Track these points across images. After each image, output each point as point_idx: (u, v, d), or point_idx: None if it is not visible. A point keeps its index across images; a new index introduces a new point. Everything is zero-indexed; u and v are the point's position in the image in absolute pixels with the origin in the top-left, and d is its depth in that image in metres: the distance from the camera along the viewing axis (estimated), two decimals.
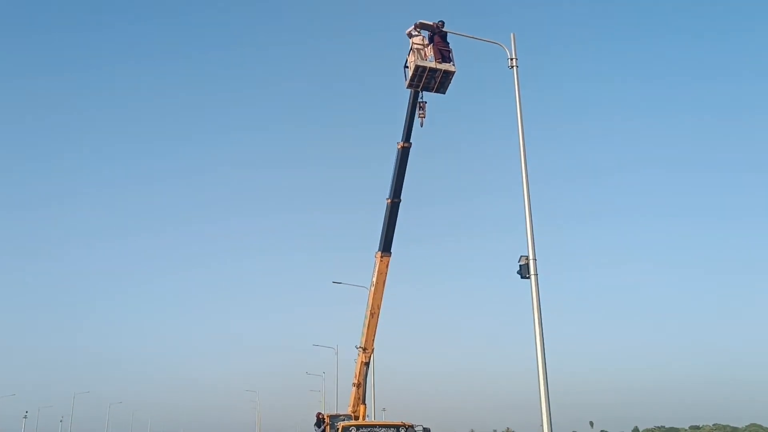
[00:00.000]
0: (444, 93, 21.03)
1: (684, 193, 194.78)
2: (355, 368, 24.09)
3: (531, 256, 15.56)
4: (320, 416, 24.63)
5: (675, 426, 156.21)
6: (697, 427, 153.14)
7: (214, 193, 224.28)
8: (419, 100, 21.36)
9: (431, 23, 20.05)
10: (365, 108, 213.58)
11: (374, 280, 23.02)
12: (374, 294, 22.97)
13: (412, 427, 17.58)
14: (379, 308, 23.14)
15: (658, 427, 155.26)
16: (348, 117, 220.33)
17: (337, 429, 17.87)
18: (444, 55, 20.22)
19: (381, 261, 22.86)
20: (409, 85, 20.83)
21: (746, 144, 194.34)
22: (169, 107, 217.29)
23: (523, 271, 15.52)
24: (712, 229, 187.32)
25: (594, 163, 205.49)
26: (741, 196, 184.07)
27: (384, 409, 56.09)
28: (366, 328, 23.27)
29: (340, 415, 24.89)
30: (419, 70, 20.15)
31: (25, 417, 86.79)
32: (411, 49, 20.37)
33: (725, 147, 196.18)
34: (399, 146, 22.24)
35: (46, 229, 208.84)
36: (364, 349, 23.42)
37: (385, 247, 22.91)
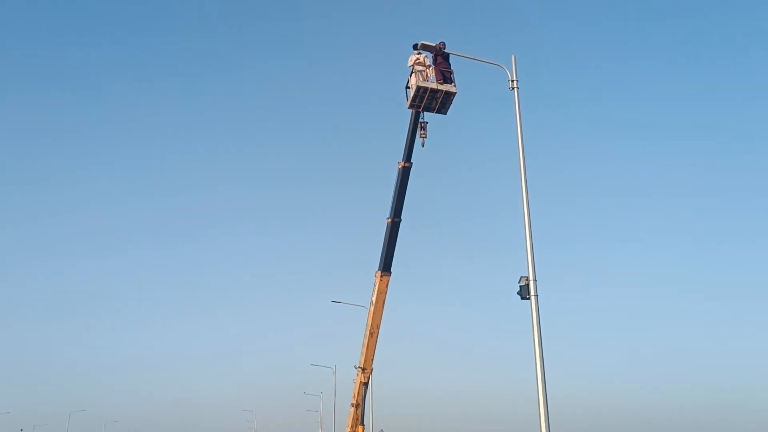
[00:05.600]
0: (445, 113, 21.18)
1: (687, 215, 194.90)
2: (353, 388, 23.95)
3: (531, 277, 15.52)
4: None
5: None
6: None
7: (212, 209, 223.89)
8: (420, 120, 21.50)
9: (433, 44, 20.23)
10: (366, 127, 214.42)
11: (374, 299, 22.97)
12: (374, 313, 22.91)
13: None
14: (378, 328, 23.07)
15: None
16: (349, 136, 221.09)
17: None
18: (445, 76, 20.40)
19: (381, 280, 22.84)
20: (411, 106, 20.97)
21: (751, 168, 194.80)
22: (170, 120, 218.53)
23: (524, 292, 15.47)
24: (714, 252, 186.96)
25: (595, 185, 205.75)
26: (748, 222, 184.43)
27: (382, 430, 55.62)
28: (365, 348, 23.17)
29: None
30: (421, 91, 20.32)
31: None
32: (413, 70, 20.55)
33: (728, 172, 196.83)
34: (400, 166, 22.34)
35: (39, 245, 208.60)
36: (363, 369, 23.30)
37: (385, 266, 22.89)
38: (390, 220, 22.58)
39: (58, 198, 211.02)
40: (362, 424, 23.65)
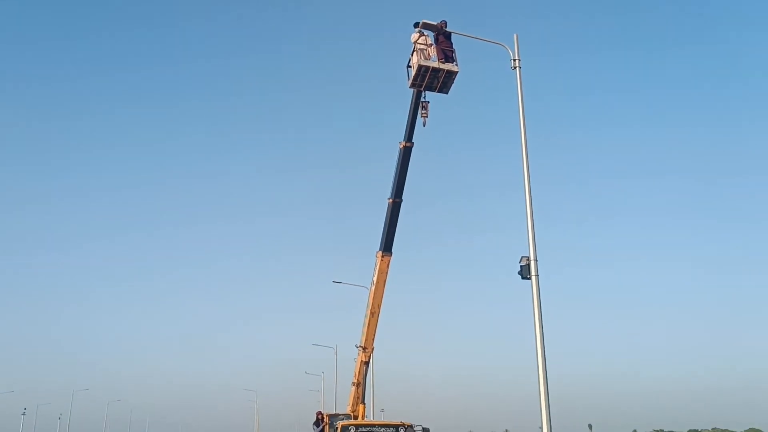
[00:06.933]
0: (447, 93, 21.04)
1: (690, 195, 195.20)
2: (354, 367, 24.09)
3: (532, 257, 15.54)
4: (320, 415, 24.58)
5: (674, 430, 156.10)
6: (696, 431, 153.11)
7: (215, 194, 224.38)
8: (422, 99, 21.37)
9: (434, 23, 20.05)
10: (367, 107, 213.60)
11: (375, 279, 23.01)
12: (375, 293, 22.96)
13: (411, 426, 17.56)
14: (379, 308, 23.14)
15: (657, 430, 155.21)
16: (350, 116, 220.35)
17: (337, 428, 17.84)
18: (447, 55, 20.24)
19: (382, 260, 22.86)
20: (412, 85, 20.83)
21: (750, 147, 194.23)
22: (169, 108, 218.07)
23: (524, 272, 15.51)
24: (715, 230, 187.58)
25: (597, 165, 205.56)
26: (744, 198, 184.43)
27: (383, 410, 56.18)
28: (366, 328, 23.27)
29: (340, 415, 24.87)
30: (422, 70, 20.16)
31: (23, 414, 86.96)
32: (414, 48, 20.38)
33: (729, 150, 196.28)
34: (401, 146, 22.25)
35: (46, 225, 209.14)
36: (364, 349, 23.41)
37: (386, 246, 22.89)
38: (391, 200, 22.54)
39: (64, 184, 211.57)
40: (363, 402, 23.81)
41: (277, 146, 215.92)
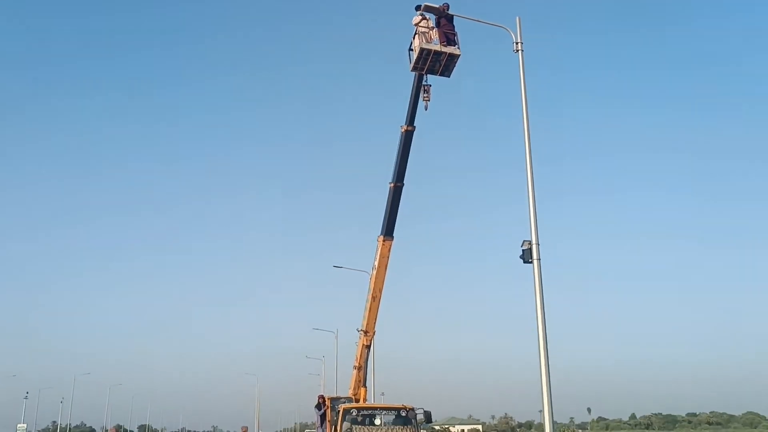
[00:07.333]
0: (449, 76, 20.91)
1: (690, 175, 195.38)
2: (356, 351, 24.15)
3: (534, 241, 15.51)
4: (321, 399, 24.69)
5: (672, 413, 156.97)
6: (695, 415, 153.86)
7: (214, 173, 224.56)
8: (423, 83, 21.24)
9: (436, 6, 19.87)
10: (369, 92, 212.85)
11: (376, 263, 23.00)
12: (376, 278, 22.94)
13: (413, 410, 17.59)
14: (380, 292, 23.13)
15: (656, 414, 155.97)
16: (351, 102, 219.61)
17: (338, 411, 17.88)
18: (449, 38, 20.08)
19: (383, 245, 22.82)
20: (414, 68, 20.69)
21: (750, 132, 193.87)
22: (151, 81, 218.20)
23: (526, 256, 15.48)
24: (714, 212, 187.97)
25: (599, 146, 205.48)
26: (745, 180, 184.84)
27: (383, 394, 56.38)
28: (367, 312, 23.28)
29: (341, 398, 24.97)
30: (424, 53, 20.01)
31: (26, 398, 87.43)
32: (416, 32, 20.23)
33: (730, 131, 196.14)
34: (402, 130, 22.13)
35: (44, 208, 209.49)
36: (366, 332, 23.44)
37: (388, 231, 22.84)
38: (392, 184, 22.45)
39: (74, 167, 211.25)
40: (365, 385, 23.89)
41: (282, 125, 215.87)
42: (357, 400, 23.12)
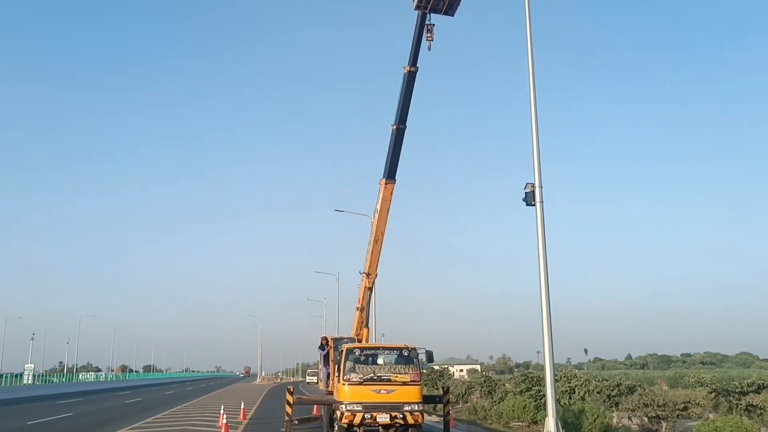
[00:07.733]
0: (452, 15, 20.49)
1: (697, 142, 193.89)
2: (358, 293, 24.40)
3: (537, 183, 15.52)
4: (324, 340, 25.10)
5: (667, 354, 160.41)
6: (689, 355, 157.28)
7: (223, 118, 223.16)
8: (427, 22, 20.78)
9: None
10: (371, 34, 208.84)
11: (378, 207, 22.96)
12: (378, 221, 22.94)
13: (415, 349, 17.88)
14: (383, 235, 23.17)
15: (651, 354, 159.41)
16: (353, 42, 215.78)
17: (341, 351, 18.20)
18: None
19: (386, 188, 22.74)
20: (417, 7, 20.22)
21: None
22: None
23: (529, 199, 15.52)
24: (713, 159, 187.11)
25: (603, 96, 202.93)
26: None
27: (383, 335, 57.49)
28: (370, 254, 23.38)
29: (344, 338, 25.37)
30: None
31: (32, 339, 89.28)
32: None
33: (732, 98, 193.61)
34: (405, 71, 21.72)
35: (53, 156, 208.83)
36: (368, 275, 23.61)
37: (390, 173, 22.70)
38: (395, 126, 22.19)
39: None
40: (367, 326, 24.26)
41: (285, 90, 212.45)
42: (359, 341, 23.49)
